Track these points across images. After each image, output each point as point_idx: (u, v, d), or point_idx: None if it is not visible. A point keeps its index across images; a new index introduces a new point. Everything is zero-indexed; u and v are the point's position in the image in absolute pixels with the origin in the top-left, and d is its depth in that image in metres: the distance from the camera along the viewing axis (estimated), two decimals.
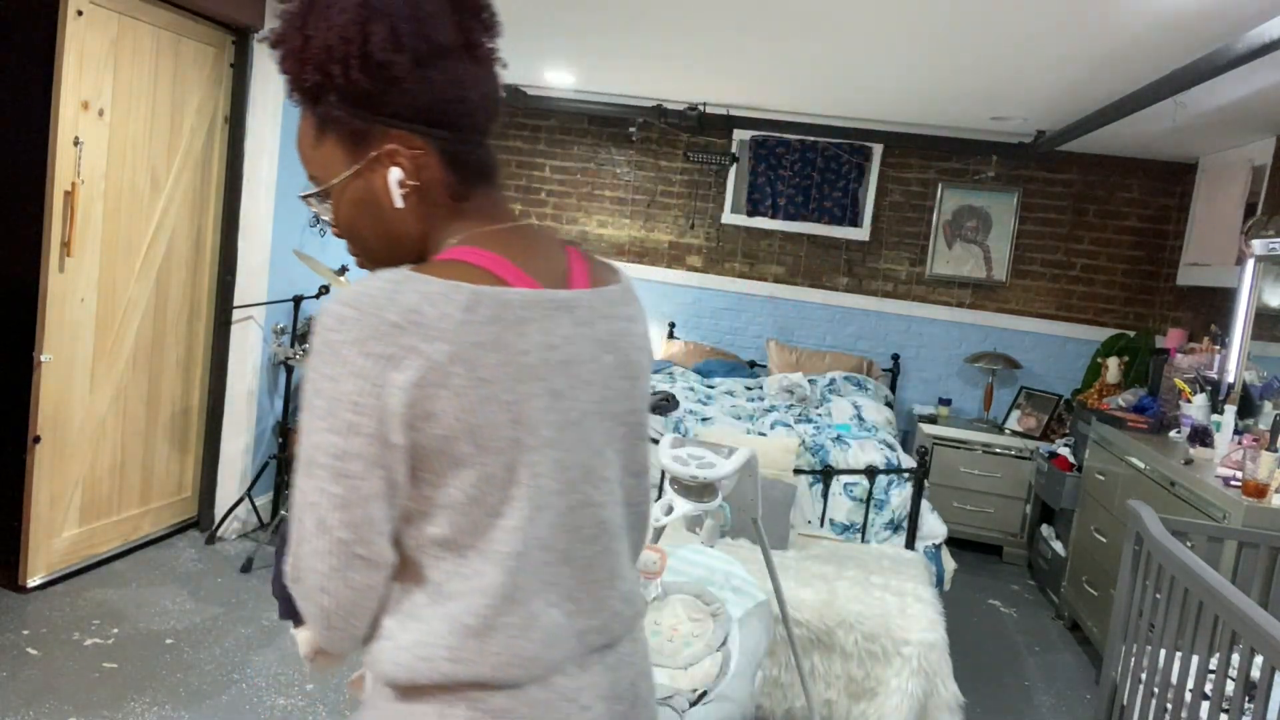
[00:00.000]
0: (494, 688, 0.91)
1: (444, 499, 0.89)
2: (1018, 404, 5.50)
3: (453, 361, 0.86)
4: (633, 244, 6.08)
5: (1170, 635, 2.41)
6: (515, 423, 0.90)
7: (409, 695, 0.92)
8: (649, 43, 4.12)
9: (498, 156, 1.03)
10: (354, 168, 0.96)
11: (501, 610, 0.91)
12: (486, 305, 0.89)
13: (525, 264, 0.96)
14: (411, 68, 0.92)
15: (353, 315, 0.86)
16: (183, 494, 4.12)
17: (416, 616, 0.92)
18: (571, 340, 0.96)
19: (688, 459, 2.24)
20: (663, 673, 2.13)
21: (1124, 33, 3.11)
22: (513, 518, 0.91)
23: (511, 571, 0.91)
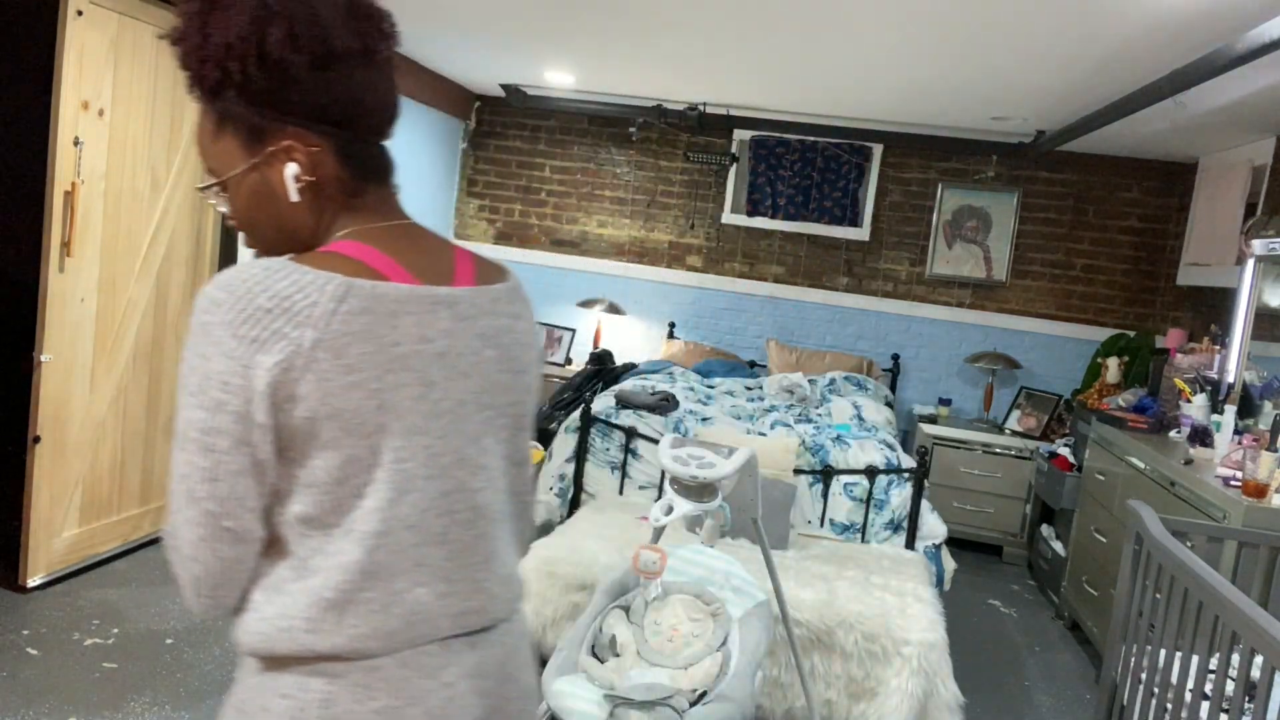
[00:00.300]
0: (351, 660, 0.95)
1: (308, 478, 0.94)
2: (1018, 404, 5.50)
3: (319, 348, 0.91)
4: (633, 244, 6.08)
5: (1170, 635, 2.41)
6: (381, 409, 0.95)
7: (269, 666, 0.97)
8: (649, 43, 4.12)
9: (392, 157, 1.10)
10: (251, 162, 1.00)
11: (361, 586, 0.95)
12: (358, 297, 0.93)
13: (406, 260, 1.02)
14: (308, 68, 0.96)
15: (225, 299, 0.91)
16: None
17: (280, 590, 0.96)
18: (450, 334, 1.01)
19: (688, 459, 2.24)
20: (663, 673, 2.13)
21: (1124, 33, 3.11)
22: (374, 499, 0.95)
23: (372, 550, 0.95)
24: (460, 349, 1.02)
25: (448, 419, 1.01)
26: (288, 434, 0.92)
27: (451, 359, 1.01)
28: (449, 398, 1.01)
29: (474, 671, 1.04)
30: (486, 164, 6.25)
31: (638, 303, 6.08)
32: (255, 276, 0.92)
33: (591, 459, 3.93)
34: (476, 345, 1.04)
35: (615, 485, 3.90)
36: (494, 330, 1.07)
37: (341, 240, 1.01)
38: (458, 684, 1.01)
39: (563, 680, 2.10)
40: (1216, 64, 2.99)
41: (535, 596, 3.02)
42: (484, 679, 1.05)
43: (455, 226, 6.32)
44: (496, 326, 1.07)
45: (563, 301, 6.18)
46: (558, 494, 3.96)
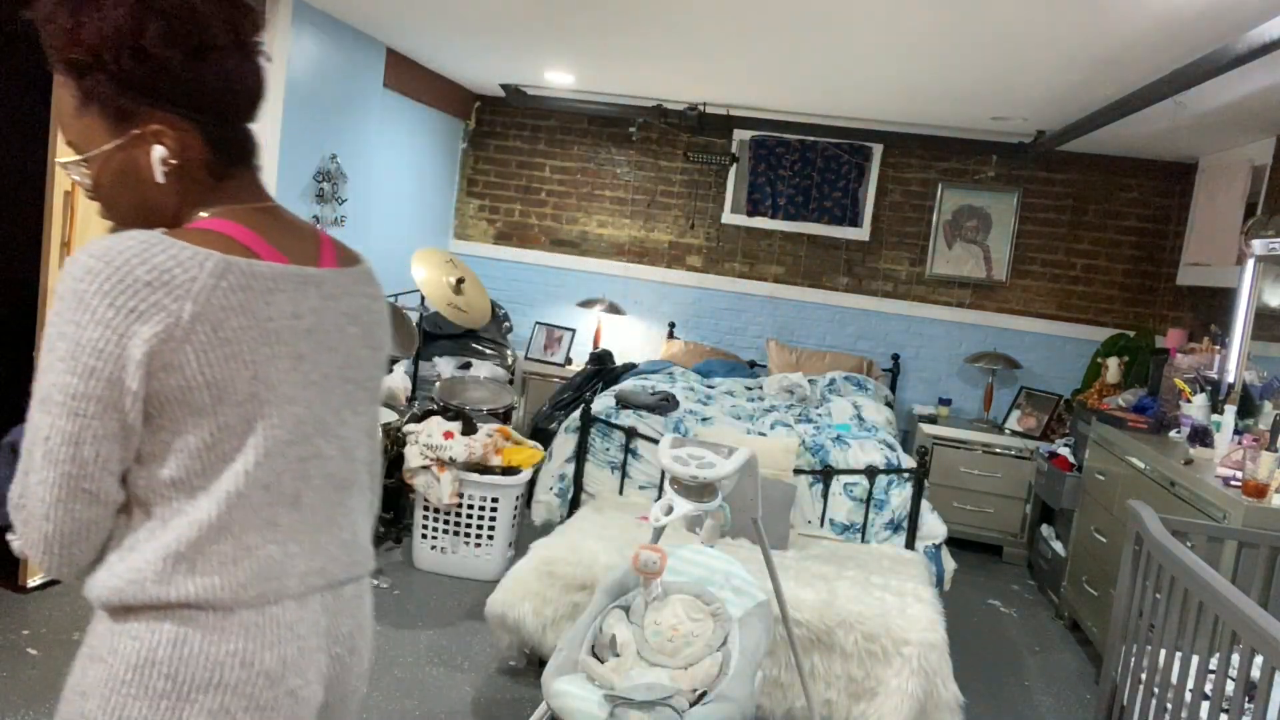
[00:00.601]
0: (202, 608, 1.00)
1: (181, 444, 0.98)
2: (1018, 404, 5.50)
3: (197, 320, 0.95)
4: (633, 244, 6.09)
5: (1170, 635, 2.41)
6: (255, 379, 1.00)
7: (120, 616, 1.00)
8: (649, 43, 4.12)
9: (256, 140, 1.12)
10: (117, 142, 1.02)
11: (212, 540, 1.00)
12: (235, 274, 0.98)
13: (276, 240, 1.07)
14: (183, 61, 0.99)
15: (102, 269, 0.93)
16: None
17: (135, 549, 1.00)
18: (318, 311, 1.07)
19: (688, 459, 2.24)
20: (663, 673, 2.13)
21: (1124, 33, 3.11)
22: (241, 462, 1.01)
23: (228, 508, 1.00)
24: (327, 325, 1.09)
25: (315, 390, 1.07)
26: (161, 401, 0.96)
27: (320, 335, 1.08)
28: (317, 370, 1.07)
29: (326, 633, 1.10)
30: (486, 164, 6.26)
31: (638, 303, 6.08)
32: (133, 249, 0.94)
33: (591, 459, 3.93)
34: (341, 322, 1.11)
35: (615, 485, 3.90)
36: (356, 309, 1.13)
37: (212, 219, 1.04)
38: (309, 639, 1.08)
39: (563, 680, 2.10)
40: (1216, 64, 2.99)
41: (535, 596, 3.02)
42: (335, 644, 1.12)
43: (455, 226, 6.32)
44: (358, 306, 1.14)
45: (563, 301, 6.18)
46: (558, 494, 3.96)
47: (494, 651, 3.35)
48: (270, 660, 1.03)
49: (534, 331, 6.07)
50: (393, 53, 4.99)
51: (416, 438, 3.97)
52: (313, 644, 1.08)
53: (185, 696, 0.99)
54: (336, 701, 1.15)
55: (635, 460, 3.89)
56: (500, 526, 3.96)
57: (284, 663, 1.04)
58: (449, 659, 3.27)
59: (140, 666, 0.99)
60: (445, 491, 3.87)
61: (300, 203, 4.31)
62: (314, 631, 1.08)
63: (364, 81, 4.72)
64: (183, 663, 0.99)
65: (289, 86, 4.09)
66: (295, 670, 1.06)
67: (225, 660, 1.01)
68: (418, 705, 2.94)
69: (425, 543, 4.00)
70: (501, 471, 3.99)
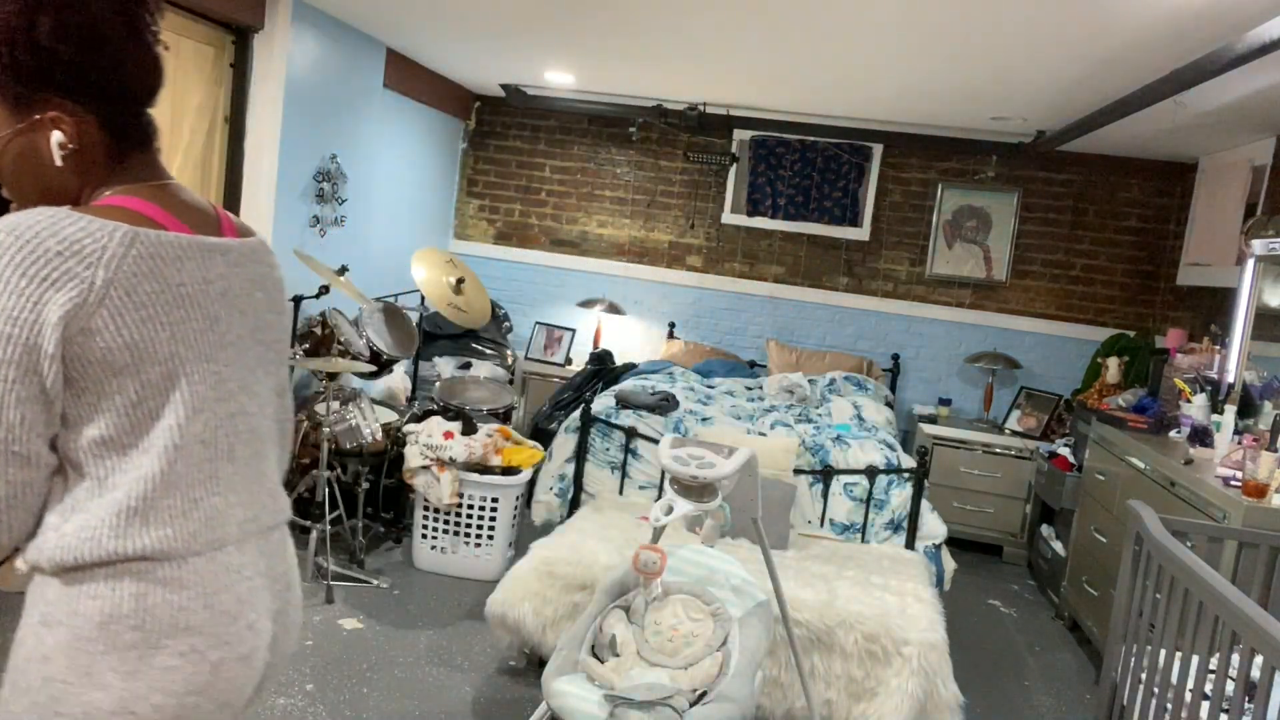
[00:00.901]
0: (158, 560, 1.07)
1: (108, 404, 1.04)
2: (1018, 404, 5.50)
3: (110, 286, 1.01)
4: (633, 244, 6.09)
5: (1170, 635, 2.41)
6: (174, 339, 1.07)
7: (77, 576, 1.05)
8: (649, 43, 4.12)
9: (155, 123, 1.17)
10: (15, 128, 1.07)
11: (162, 494, 1.07)
12: (143, 243, 1.05)
13: (178, 214, 1.14)
14: (76, 52, 1.04)
15: (12, 242, 0.98)
16: None
17: (80, 509, 1.05)
18: (225, 277, 1.15)
19: (688, 459, 2.24)
20: (663, 673, 2.13)
21: (1124, 33, 3.11)
22: (170, 417, 1.08)
23: (171, 462, 1.08)
24: (237, 290, 1.17)
25: (232, 350, 1.16)
26: (82, 364, 1.02)
27: (231, 299, 1.16)
28: (231, 332, 1.16)
29: (266, 573, 1.21)
30: (486, 164, 6.26)
31: (638, 303, 6.08)
32: (42, 223, 1.00)
33: (591, 459, 3.93)
34: (249, 288, 1.19)
35: (615, 485, 3.90)
36: (259, 276, 1.22)
37: (114, 196, 1.10)
38: (255, 579, 1.18)
39: (563, 680, 2.10)
40: (1216, 64, 2.99)
41: (535, 596, 3.02)
42: (275, 582, 1.23)
43: (455, 226, 6.32)
44: (261, 273, 1.23)
45: (563, 301, 6.18)
46: (558, 494, 3.96)
47: (494, 651, 3.35)
48: (228, 600, 1.12)
49: (534, 331, 6.07)
50: (393, 53, 4.99)
51: (416, 438, 3.97)
52: (259, 583, 1.18)
53: (154, 644, 1.06)
54: (281, 632, 1.25)
55: (635, 460, 3.89)
56: (500, 526, 3.96)
57: (239, 601, 1.14)
58: (449, 659, 3.27)
59: (105, 623, 1.04)
60: (445, 491, 3.87)
61: (300, 203, 4.31)
62: (257, 572, 1.18)
63: (364, 81, 4.72)
64: (148, 613, 1.05)
65: (289, 86, 4.09)
66: (250, 606, 1.15)
67: (188, 605, 1.08)
68: (418, 705, 2.94)
69: (425, 543, 4.00)
70: (501, 471, 3.99)
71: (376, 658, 3.21)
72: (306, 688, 2.96)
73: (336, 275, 4.13)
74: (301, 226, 4.34)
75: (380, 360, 4.33)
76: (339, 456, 3.98)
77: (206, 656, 1.09)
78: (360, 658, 3.20)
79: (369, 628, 3.43)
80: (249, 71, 3.98)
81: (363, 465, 4.08)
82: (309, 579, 3.77)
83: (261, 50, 3.98)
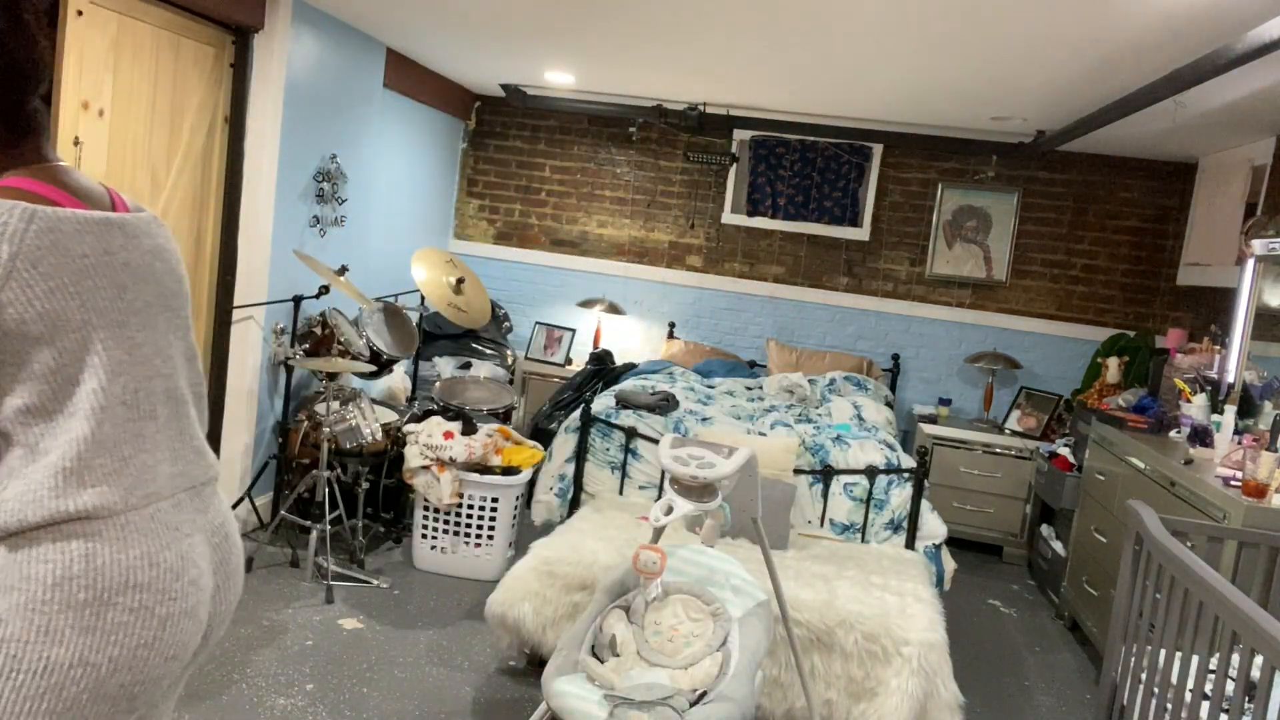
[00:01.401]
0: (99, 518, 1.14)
1: (27, 374, 1.11)
2: (1018, 404, 5.51)
3: (16, 260, 1.08)
4: (633, 244, 6.09)
5: (1170, 635, 2.41)
6: (85, 307, 1.14)
7: (24, 541, 1.11)
8: (649, 43, 4.12)
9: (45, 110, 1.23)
10: None
11: (93, 454, 1.14)
12: (43, 219, 1.11)
13: (74, 192, 1.21)
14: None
15: None
16: None
17: (16, 475, 1.12)
18: (126, 248, 1.22)
19: (688, 459, 2.25)
20: (663, 673, 2.13)
21: (1124, 33, 3.11)
22: (92, 381, 1.15)
23: (99, 423, 1.15)
24: (138, 261, 1.24)
25: (142, 316, 1.23)
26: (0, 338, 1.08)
27: (134, 268, 1.23)
28: (139, 299, 1.23)
29: (205, 528, 1.29)
30: (486, 164, 6.26)
31: (638, 303, 6.08)
32: None
33: (591, 459, 3.93)
34: (148, 259, 1.26)
35: (615, 485, 3.90)
36: (157, 247, 1.29)
37: (8, 179, 1.16)
38: (194, 535, 1.26)
39: (563, 680, 2.10)
40: (1216, 64, 2.99)
41: (535, 596, 3.02)
42: (212, 535, 1.31)
43: (455, 226, 6.32)
44: (158, 245, 1.30)
45: (563, 301, 6.18)
46: (558, 494, 3.96)
47: (494, 651, 3.35)
48: (171, 557, 1.20)
49: (534, 331, 6.07)
50: (393, 53, 4.99)
51: (416, 438, 3.97)
52: (197, 539, 1.26)
53: (106, 601, 1.13)
54: (224, 582, 1.32)
55: (635, 460, 3.89)
56: (500, 526, 3.96)
57: (182, 557, 1.22)
58: (449, 659, 3.27)
59: (58, 584, 1.10)
60: (445, 491, 3.87)
61: (300, 203, 4.31)
62: (195, 528, 1.27)
63: (364, 81, 4.72)
64: (98, 573, 1.12)
65: (289, 86, 4.09)
66: (191, 562, 1.23)
67: (135, 564, 1.16)
68: (418, 705, 2.94)
69: (425, 543, 4.00)
70: (501, 471, 3.99)
71: (376, 658, 3.21)
72: (306, 688, 2.96)
73: (336, 275, 4.13)
74: (301, 226, 4.34)
75: (380, 360, 4.33)
76: (339, 456, 3.98)
77: (155, 612, 1.17)
78: (360, 658, 3.20)
79: (369, 628, 3.43)
80: (249, 71, 3.98)
81: (363, 465, 4.08)
82: (309, 579, 3.77)
83: (261, 50, 3.98)
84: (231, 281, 4.08)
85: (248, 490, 4.11)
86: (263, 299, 4.12)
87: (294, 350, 4.07)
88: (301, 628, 3.36)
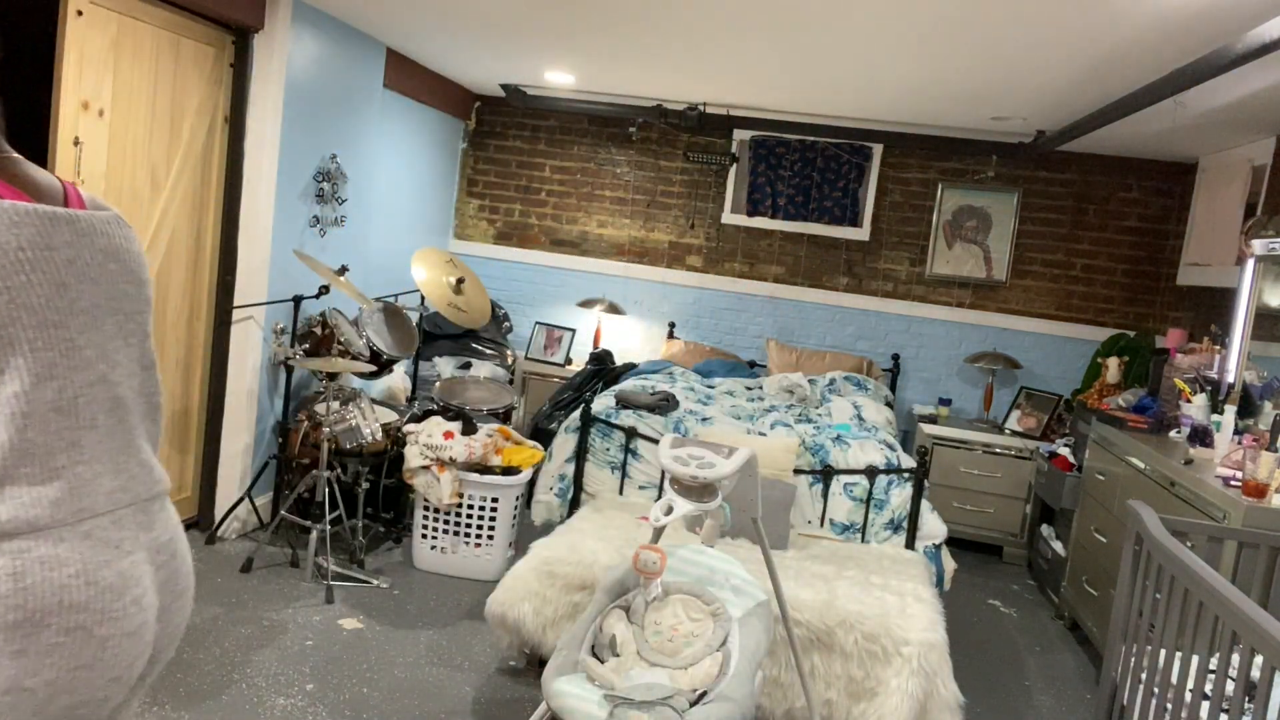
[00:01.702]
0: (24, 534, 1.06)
1: None
2: (1018, 404, 5.51)
3: None
4: (633, 244, 6.09)
5: (1170, 635, 2.41)
6: (13, 304, 1.07)
7: None
8: (649, 43, 4.12)
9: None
10: None
11: (19, 462, 1.07)
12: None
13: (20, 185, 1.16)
14: None
15: None
16: (183, 494, 4.12)
17: None
18: (73, 245, 1.14)
19: (688, 459, 2.24)
20: (663, 673, 2.13)
21: (1124, 33, 3.11)
22: (14, 384, 1.07)
23: (20, 429, 1.07)
24: (86, 259, 1.16)
25: (85, 317, 1.16)
26: None
27: (80, 266, 1.15)
28: (84, 299, 1.15)
29: (149, 545, 1.21)
30: (486, 164, 6.26)
31: (638, 303, 6.08)
32: None
33: (591, 459, 3.93)
34: (100, 258, 1.19)
35: (615, 485, 3.90)
36: (113, 247, 1.22)
37: None
38: (136, 553, 1.18)
39: (563, 680, 2.10)
40: (1216, 64, 2.99)
41: (535, 596, 3.02)
42: (158, 553, 1.23)
43: (455, 226, 6.32)
44: (115, 245, 1.22)
45: (563, 301, 6.18)
46: (558, 494, 3.96)
47: (494, 651, 3.35)
48: (110, 576, 1.13)
49: (534, 331, 6.07)
50: (393, 53, 4.99)
51: (416, 438, 3.97)
52: (140, 556, 1.19)
53: (39, 622, 1.06)
54: (170, 601, 1.25)
55: (635, 460, 3.89)
56: (500, 526, 3.96)
57: (122, 576, 1.14)
58: (449, 659, 3.27)
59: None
60: (445, 491, 3.87)
61: (300, 203, 4.31)
62: (137, 545, 1.19)
63: (364, 81, 4.72)
64: (28, 593, 1.05)
65: (289, 86, 4.09)
66: (133, 580, 1.16)
67: (69, 582, 1.08)
68: (418, 705, 2.94)
69: (425, 543, 4.00)
70: (501, 471, 3.99)
71: (376, 658, 3.21)
72: (306, 688, 2.96)
73: (336, 275, 4.13)
74: (301, 226, 4.34)
75: (380, 360, 4.33)
76: (339, 456, 3.98)
77: (94, 633, 1.11)
78: (360, 658, 3.20)
79: (369, 628, 3.43)
80: (249, 71, 3.98)
81: (363, 465, 4.08)
82: (309, 579, 3.77)
83: (261, 50, 3.98)
84: (231, 281, 4.08)
85: (248, 490, 4.11)
86: (263, 299, 4.12)
87: (294, 350, 4.07)
88: (301, 628, 3.36)
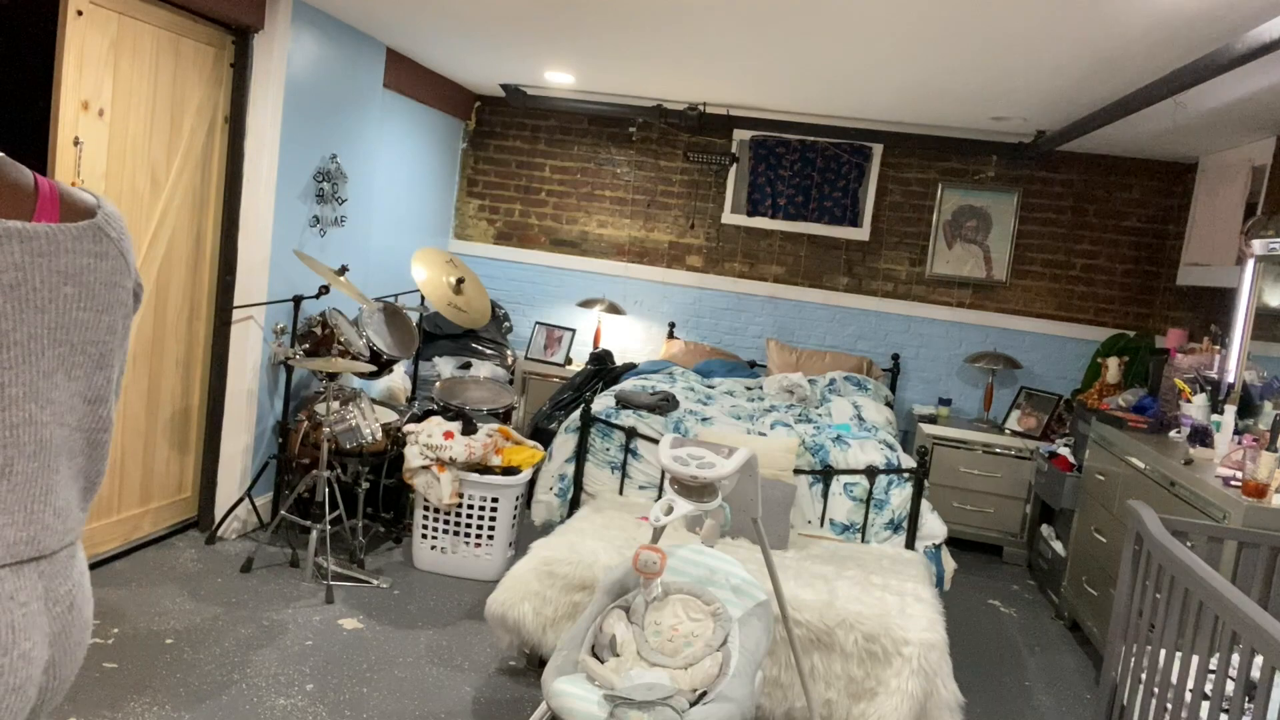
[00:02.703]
0: None
1: None
2: (1018, 404, 5.51)
3: None
4: (633, 244, 6.09)
5: (1170, 635, 2.41)
6: None
7: None
8: (649, 43, 4.12)
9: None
10: None
11: None
12: None
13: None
14: None
15: None
16: (183, 494, 4.12)
17: None
18: (21, 267, 1.01)
19: (688, 459, 2.24)
20: (663, 673, 2.13)
21: (1124, 33, 3.11)
22: None
23: None
24: (35, 283, 1.03)
25: (18, 351, 1.03)
26: None
27: (25, 292, 1.02)
28: (19, 329, 1.02)
29: (44, 597, 1.12)
30: (486, 164, 6.26)
31: (638, 303, 6.08)
32: None
33: (591, 459, 3.93)
34: (54, 281, 1.05)
35: (615, 485, 3.90)
36: (75, 268, 1.08)
37: None
38: (31, 604, 1.09)
39: (563, 680, 2.10)
40: (1216, 64, 2.99)
41: (535, 596, 3.02)
42: (54, 605, 1.13)
43: (455, 226, 6.32)
44: (78, 264, 1.08)
45: (563, 301, 6.18)
46: (558, 494, 3.96)
47: (494, 651, 3.35)
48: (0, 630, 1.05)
49: (534, 331, 6.07)
50: (393, 53, 4.99)
51: (416, 438, 3.97)
52: (35, 608, 1.10)
53: None
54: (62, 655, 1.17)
55: (635, 460, 3.89)
56: (500, 526, 3.96)
57: (13, 629, 1.06)
58: (449, 659, 3.27)
59: None
60: (445, 491, 3.87)
61: (300, 203, 4.31)
62: (33, 596, 1.10)
63: (364, 81, 4.72)
64: None
65: (289, 86, 4.09)
66: (23, 634, 1.07)
67: None
68: (418, 705, 2.94)
69: (425, 543, 4.00)
70: (501, 471, 3.99)
71: (376, 658, 3.21)
72: (306, 688, 2.96)
73: (336, 275, 4.13)
74: (301, 226, 4.34)
75: (380, 360, 4.33)
76: (339, 456, 3.98)
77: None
78: (360, 658, 3.20)
79: (369, 628, 3.43)
80: (249, 71, 3.98)
81: (363, 465, 4.08)
82: (309, 579, 3.77)
83: (261, 50, 3.98)
84: (231, 281, 4.08)
85: (248, 490, 4.11)
86: (263, 299, 4.12)
87: (294, 350, 4.07)
88: (301, 628, 3.36)
